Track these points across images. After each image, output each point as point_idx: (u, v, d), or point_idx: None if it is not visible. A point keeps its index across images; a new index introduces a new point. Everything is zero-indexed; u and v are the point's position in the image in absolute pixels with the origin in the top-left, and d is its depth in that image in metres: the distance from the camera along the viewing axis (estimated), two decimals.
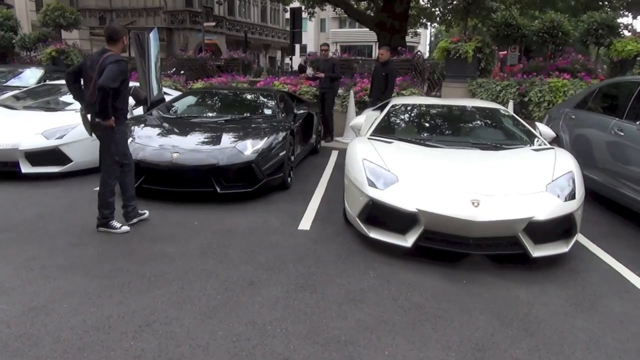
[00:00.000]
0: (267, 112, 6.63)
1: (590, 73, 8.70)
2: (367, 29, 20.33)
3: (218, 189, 5.27)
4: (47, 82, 9.57)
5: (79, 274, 3.50)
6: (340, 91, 10.08)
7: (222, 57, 16.28)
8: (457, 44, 9.23)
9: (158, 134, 5.76)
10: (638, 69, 8.10)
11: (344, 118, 9.79)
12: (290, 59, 27.16)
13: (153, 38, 7.21)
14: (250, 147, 5.46)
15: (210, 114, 6.71)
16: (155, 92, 7.13)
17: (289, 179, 6.11)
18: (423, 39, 47.55)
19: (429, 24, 26.75)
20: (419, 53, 12.70)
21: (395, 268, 3.80)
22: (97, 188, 4.47)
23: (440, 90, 11.83)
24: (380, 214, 4.08)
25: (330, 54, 9.79)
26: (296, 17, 22.12)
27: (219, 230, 4.54)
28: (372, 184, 4.11)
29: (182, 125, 6.13)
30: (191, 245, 4.12)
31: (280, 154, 5.74)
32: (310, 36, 48.93)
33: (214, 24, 31.10)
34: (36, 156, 6.13)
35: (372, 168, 4.25)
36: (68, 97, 7.52)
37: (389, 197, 3.98)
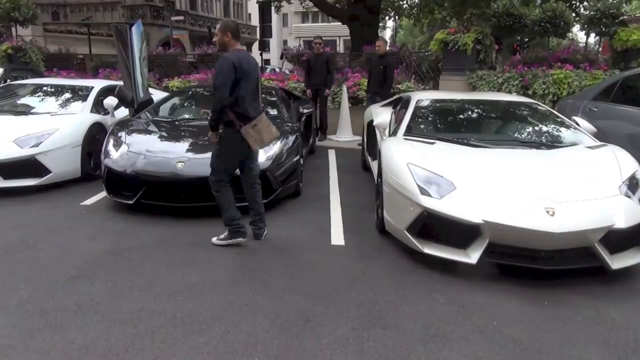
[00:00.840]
0: (272, 112, 6.00)
1: (592, 63, 8.48)
2: (330, 24, 19.85)
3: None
4: (8, 82, 8.60)
5: (93, 320, 2.82)
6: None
7: (195, 53, 15.42)
8: (455, 35, 8.83)
9: (154, 141, 5.06)
10: None
11: (336, 115, 9.25)
12: (261, 54, 26.30)
13: (136, 32, 6.44)
14: (263, 153, 4.84)
15: (207, 116, 5.98)
16: (142, 92, 6.37)
17: (300, 184, 5.53)
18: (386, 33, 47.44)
19: (396, 17, 26.51)
20: (406, 46, 12.28)
21: (460, 288, 3.30)
22: (85, 202, 3.77)
23: (428, 84, 11.47)
24: (436, 227, 3.57)
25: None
26: (265, 11, 21.37)
27: (243, 250, 3.92)
28: (424, 192, 3.59)
29: (179, 129, 5.42)
30: (218, 272, 3.49)
31: (294, 159, 5.15)
32: (272, 31, 47.96)
33: (182, 17, 29.83)
34: (9, 168, 5.30)
35: (421, 174, 3.72)
36: (39, 99, 6.69)
37: (448, 207, 3.46)
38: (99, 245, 3.97)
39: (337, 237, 4.26)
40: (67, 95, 6.87)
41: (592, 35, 8.57)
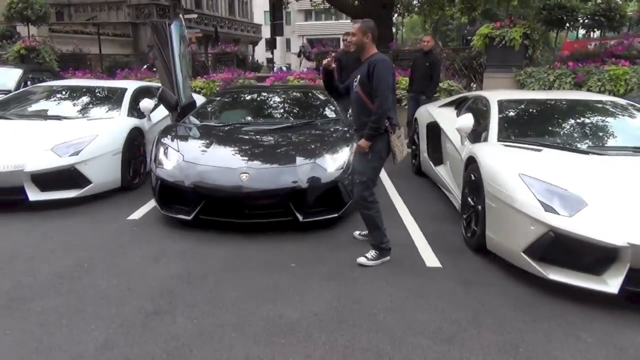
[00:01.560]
0: (330, 114, 5.49)
1: None
2: (334, 22, 19.28)
3: (300, 217, 4.14)
4: (29, 84, 8.11)
5: None
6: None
7: (211, 52, 14.91)
8: (502, 30, 8.33)
9: (211, 149, 4.55)
10: None
11: None
12: (272, 53, 25.79)
13: (175, 29, 5.94)
14: (332, 162, 4.36)
15: (262, 120, 5.50)
16: (185, 95, 5.86)
17: None
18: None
19: (405, 14, 26.01)
20: (436, 42, 11.76)
21: (606, 325, 2.81)
22: (132, 216, 3.32)
23: (461, 82, 10.96)
24: (562, 249, 3.08)
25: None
26: (276, 8, 20.87)
27: (329, 273, 3.44)
28: (549, 208, 3.10)
29: (235, 136, 4.90)
30: (314, 304, 3.00)
31: None
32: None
33: (195, 16, 29.25)
34: (47, 179, 4.80)
35: (539, 186, 3.24)
36: (70, 102, 6.20)
37: (583, 227, 2.97)
38: (164, 269, 3.48)
39: (429, 257, 3.77)
40: (100, 97, 6.38)
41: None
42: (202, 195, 4.16)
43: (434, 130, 5.85)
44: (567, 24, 8.27)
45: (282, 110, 5.82)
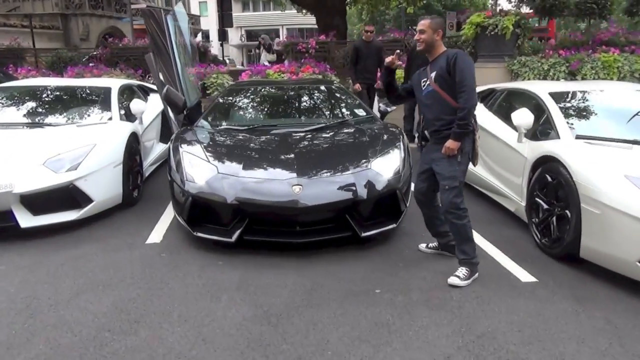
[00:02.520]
0: (360, 112, 4.98)
1: (632, 46, 8.09)
2: (271, 12, 18.54)
3: (360, 232, 3.65)
4: None
5: None
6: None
7: None
8: (495, 19, 8.14)
9: (247, 158, 3.93)
10: None
11: None
12: (222, 45, 24.69)
13: (172, 19, 5.17)
14: (387, 167, 3.89)
15: (289, 121, 4.90)
16: (191, 94, 5.13)
17: None
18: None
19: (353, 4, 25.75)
20: (412, 30, 11.51)
21: None
22: (150, 239, 2.72)
23: None
24: None
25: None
26: None
27: (425, 299, 2.99)
28: None
29: (265, 140, 4.29)
30: (440, 344, 2.53)
31: (410, 172, 4.20)
32: (211, 20, 45.67)
33: (144, 5, 27.29)
34: (40, 200, 3.99)
35: None
36: (49, 106, 5.33)
37: None
38: (234, 310, 2.87)
39: (516, 269, 3.42)
40: (83, 99, 5.52)
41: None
42: (247, 212, 3.57)
43: None
44: (558, 12, 8.25)
45: (307, 109, 5.25)
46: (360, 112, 4.92)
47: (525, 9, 9.36)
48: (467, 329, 2.67)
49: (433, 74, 3.27)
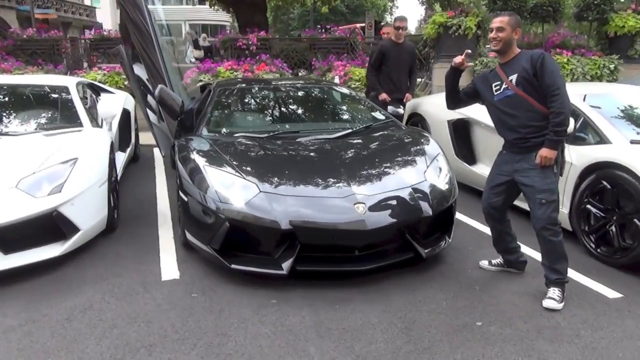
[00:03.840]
0: (378, 116, 4.52)
1: (583, 49, 8.51)
2: (180, 6, 17.46)
3: (423, 253, 3.24)
4: None
5: None
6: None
7: (85, 37, 12.36)
8: (459, 19, 8.12)
9: (285, 172, 3.31)
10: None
11: None
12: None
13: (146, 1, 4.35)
14: (439, 178, 3.52)
15: (308, 126, 4.31)
16: (182, 95, 4.33)
17: None
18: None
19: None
20: (357, 30, 11.31)
21: None
22: (166, 275, 2.25)
23: None
24: None
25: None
26: None
27: (535, 330, 2.65)
28: None
29: (296, 150, 3.66)
30: None
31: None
32: (105, 13, 42.30)
33: None
34: (12, 233, 3.08)
35: None
36: (3, 110, 4.29)
37: None
38: None
39: (589, 282, 3.23)
40: (36, 100, 4.48)
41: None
42: (300, 238, 2.99)
43: (462, 127, 5.33)
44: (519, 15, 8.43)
45: (324, 113, 4.67)
46: (379, 116, 4.48)
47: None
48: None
49: (514, 77, 2.95)
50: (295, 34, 32.48)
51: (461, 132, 5.35)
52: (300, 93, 4.91)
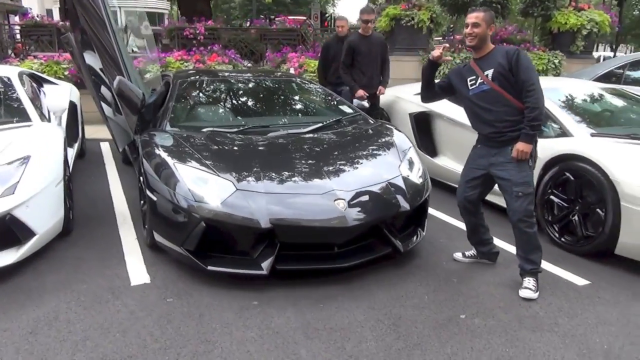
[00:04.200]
0: (345, 109, 4.45)
1: (528, 43, 8.84)
2: None
3: (401, 248, 3.24)
4: None
5: None
6: None
7: (15, 23, 11.49)
8: (412, 12, 8.20)
9: (260, 168, 3.18)
10: (581, 41, 8.57)
11: None
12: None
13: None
14: (412, 172, 3.53)
15: (276, 119, 4.20)
16: (141, 87, 4.06)
17: None
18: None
19: None
20: (308, 21, 11.20)
21: None
22: (136, 280, 2.45)
23: None
24: None
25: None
26: None
27: (517, 321, 2.72)
28: None
29: (266, 144, 3.54)
30: None
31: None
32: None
33: None
34: None
35: None
36: None
37: None
38: None
39: (557, 270, 3.35)
40: None
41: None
42: (279, 236, 2.90)
43: (424, 120, 5.40)
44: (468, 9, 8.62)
45: (292, 106, 4.55)
46: (346, 109, 4.43)
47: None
48: (588, 349, 2.47)
49: (490, 72, 2.98)
50: (237, 23, 31.82)
51: (422, 125, 5.42)
52: (265, 85, 4.76)
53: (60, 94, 4.39)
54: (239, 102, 4.50)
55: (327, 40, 6.02)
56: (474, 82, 3.07)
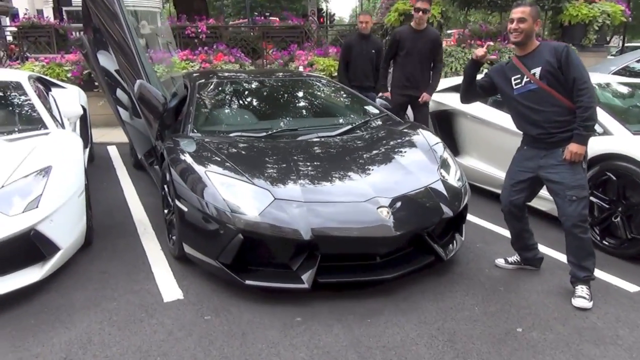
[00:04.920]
0: (373, 110, 4.27)
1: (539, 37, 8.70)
2: None
3: (443, 255, 3.09)
4: None
5: None
6: None
7: (12, 25, 11.24)
8: None
9: (295, 176, 3.01)
10: (594, 34, 8.44)
11: None
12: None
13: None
14: (451, 175, 3.38)
15: (304, 122, 4.03)
16: (162, 90, 3.88)
17: None
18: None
19: None
20: (311, 18, 11.01)
21: None
22: (169, 296, 2.23)
23: None
24: None
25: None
26: None
27: (576, 333, 2.58)
28: None
29: (298, 149, 3.35)
30: None
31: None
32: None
33: None
34: None
35: None
36: None
37: None
38: None
39: (605, 276, 3.21)
40: None
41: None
42: (320, 248, 2.75)
43: (445, 118, 5.25)
44: (477, 4, 8.51)
45: (318, 108, 4.37)
46: (373, 110, 4.27)
47: None
48: None
49: (537, 70, 2.83)
50: (229, 21, 31.48)
51: (444, 124, 5.27)
52: (287, 86, 4.58)
53: (72, 99, 4.21)
54: (264, 104, 4.32)
55: (347, 39, 5.76)
56: (519, 81, 2.92)
